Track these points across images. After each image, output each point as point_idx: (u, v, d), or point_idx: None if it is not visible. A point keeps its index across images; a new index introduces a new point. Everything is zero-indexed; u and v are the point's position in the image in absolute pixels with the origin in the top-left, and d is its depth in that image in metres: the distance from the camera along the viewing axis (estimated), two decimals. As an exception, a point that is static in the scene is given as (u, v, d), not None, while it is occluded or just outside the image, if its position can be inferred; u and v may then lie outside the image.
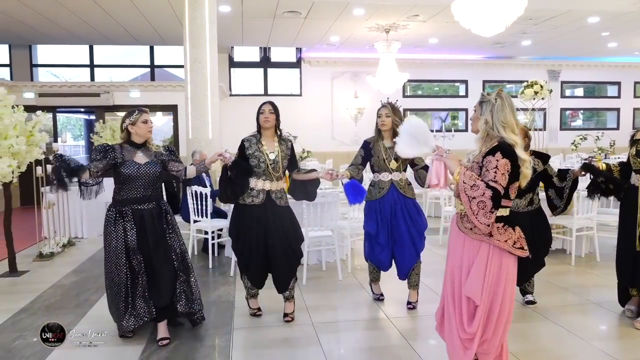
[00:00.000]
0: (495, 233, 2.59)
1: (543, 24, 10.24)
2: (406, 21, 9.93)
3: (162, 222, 3.71)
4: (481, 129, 2.66)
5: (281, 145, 4.01)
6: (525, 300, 4.45)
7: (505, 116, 2.61)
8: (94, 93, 11.57)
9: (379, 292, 4.66)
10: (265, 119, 3.94)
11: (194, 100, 7.17)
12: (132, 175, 3.58)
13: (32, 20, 9.74)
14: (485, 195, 2.46)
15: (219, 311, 4.38)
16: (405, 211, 4.29)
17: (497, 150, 2.55)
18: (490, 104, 2.64)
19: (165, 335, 3.69)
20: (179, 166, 3.82)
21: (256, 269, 4.01)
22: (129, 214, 3.60)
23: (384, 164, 4.27)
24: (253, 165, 3.90)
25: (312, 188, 4.20)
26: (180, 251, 3.78)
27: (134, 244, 3.59)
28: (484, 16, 6.32)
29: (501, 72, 14.29)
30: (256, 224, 3.90)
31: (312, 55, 13.33)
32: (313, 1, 8.67)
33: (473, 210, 2.49)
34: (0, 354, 3.54)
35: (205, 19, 7.08)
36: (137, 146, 3.67)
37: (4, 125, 5.13)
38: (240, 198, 3.94)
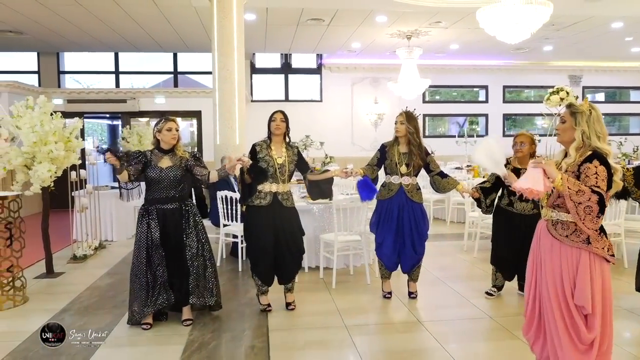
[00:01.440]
0: (593, 240, 2.65)
1: (565, 30, 10.24)
2: (428, 27, 10.00)
3: (182, 222, 4.08)
4: (577, 139, 2.71)
5: (288, 151, 4.38)
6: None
7: (601, 127, 2.71)
8: (120, 99, 11.82)
9: (387, 290, 4.84)
10: (276, 127, 4.28)
11: (221, 106, 7.32)
12: (155, 178, 4.02)
13: (63, 28, 10.00)
14: (591, 200, 2.52)
15: (252, 313, 4.49)
16: (411, 215, 4.57)
17: (593, 158, 2.63)
18: (585, 115, 2.70)
19: (189, 317, 4.17)
20: (203, 171, 4.13)
21: (265, 267, 4.33)
22: (153, 213, 4.04)
23: (395, 167, 4.56)
24: (262, 167, 4.23)
25: (326, 186, 4.50)
26: (197, 250, 4.13)
27: (156, 240, 4.01)
28: (510, 23, 6.39)
29: (522, 78, 14.26)
30: (265, 224, 4.25)
31: (333, 61, 13.46)
32: (337, 9, 8.79)
33: (580, 215, 2.55)
34: (47, 352, 3.68)
35: (233, 27, 7.23)
36: (165, 152, 4.09)
37: (44, 131, 5.31)
38: (249, 200, 4.29)
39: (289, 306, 4.51)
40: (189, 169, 4.11)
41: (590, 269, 2.65)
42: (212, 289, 4.24)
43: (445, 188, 4.64)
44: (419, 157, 4.52)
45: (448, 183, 4.61)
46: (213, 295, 4.24)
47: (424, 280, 5.52)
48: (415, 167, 4.53)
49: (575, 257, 2.68)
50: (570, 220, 2.69)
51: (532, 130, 14.39)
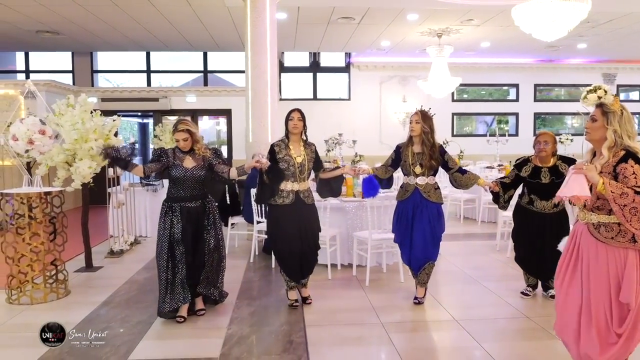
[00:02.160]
0: (638, 238, 2.68)
1: (601, 27, 10.02)
2: (459, 25, 9.91)
3: (204, 219, 4.22)
4: (609, 138, 2.75)
5: (306, 149, 4.43)
6: (550, 295, 4.63)
7: (631, 127, 2.75)
8: (152, 98, 12.03)
9: (420, 296, 4.67)
10: (294, 126, 4.34)
11: (254, 105, 7.39)
12: (179, 178, 4.15)
13: (97, 27, 10.21)
14: (635, 201, 2.57)
15: (288, 309, 4.53)
16: (425, 215, 4.48)
17: (628, 157, 2.67)
18: (617, 115, 2.74)
19: (202, 307, 4.34)
20: (224, 168, 4.26)
21: (293, 263, 4.42)
22: (177, 210, 4.16)
23: (409, 168, 4.51)
24: (283, 167, 4.29)
25: (336, 185, 4.61)
26: (214, 246, 4.27)
27: (178, 236, 4.11)
28: (546, 21, 6.29)
29: (554, 76, 14.01)
30: (290, 222, 4.33)
31: (361, 59, 13.43)
32: (368, 7, 8.78)
33: (627, 217, 2.59)
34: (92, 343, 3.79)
35: (266, 26, 7.29)
36: (185, 152, 4.20)
37: (85, 129, 5.45)
38: (272, 199, 4.35)
39: (307, 300, 4.60)
40: (210, 166, 4.24)
41: (637, 266, 2.71)
42: (219, 282, 4.41)
43: (466, 184, 4.59)
44: (432, 157, 4.43)
45: (469, 179, 4.56)
46: (217, 288, 4.39)
47: (457, 279, 5.51)
48: (429, 167, 4.46)
49: (623, 256, 2.72)
50: (613, 222, 2.71)
51: (563, 129, 14.14)
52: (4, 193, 4.87)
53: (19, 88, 10.47)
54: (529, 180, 4.54)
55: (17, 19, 9.47)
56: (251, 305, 4.64)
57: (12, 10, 8.90)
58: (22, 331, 4.02)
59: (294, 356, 3.55)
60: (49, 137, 4.93)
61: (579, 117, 13.98)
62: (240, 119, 12.26)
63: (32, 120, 4.80)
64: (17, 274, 4.82)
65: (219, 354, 3.58)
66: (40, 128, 4.78)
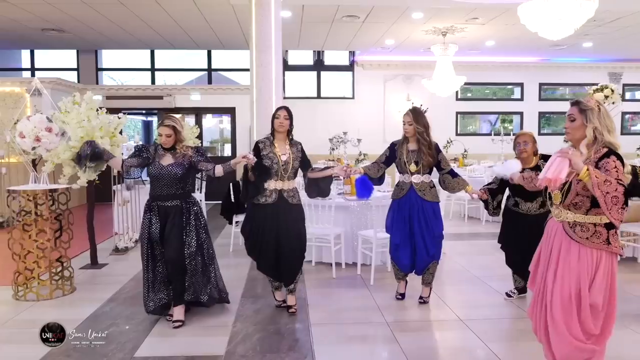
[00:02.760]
0: (612, 240, 2.71)
1: (607, 25, 9.97)
2: (464, 24, 9.88)
3: (182, 220, 4.08)
4: (589, 136, 2.73)
5: (292, 147, 4.30)
6: None
7: (610, 122, 2.74)
8: (157, 96, 12.05)
9: (400, 291, 4.73)
10: (280, 124, 4.23)
11: (259, 103, 7.39)
12: (156, 175, 4.07)
13: (103, 26, 10.22)
14: (618, 190, 2.54)
15: (293, 307, 4.54)
16: (421, 214, 4.44)
17: (611, 154, 2.66)
18: (595, 112, 2.73)
19: (180, 318, 4.09)
20: (209, 165, 4.15)
21: (268, 265, 4.28)
22: (155, 209, 4.09)
23: (404, 166, 4.47)
24: (266, 165, 4.17)
25: (325, 185, 4.43)
26: (196, 249, 4.12)
27: (156, 236, 4.04)
28: (553, 19, 6.25)
29: (559, 75, 13.95)
30: (269, 222, 4.18)
31: (365, 58, 13.41)
32: (373, 5, 8.76)
33: (607, 205, 2.54)
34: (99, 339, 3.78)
35: (271, 24, 7.28)
36: (167, 149, 4.12)
37: (91, 126, 5.47)
38: (254, 198, 4.22)
39: (290, 309, 4.36)
40: (193, 165, 4.13)
41: (610, 269, 2.73)
42: (209, 286, 4.26)
43: (454, 188, 4.53)
44: (429, 155, 4.38)
45: (457, 183, 4.50)
46: (206, 293, 4.24)
47: (462, 279, 5.50)
48: (425, 165, 4.42)
49: (596, 258, 2.72)
50: (589, 222, 2.71)
51: (568, 128, 14.06)
52: (11, 190, 4.89)
53: (25, 86, 10.49)
54: (513, 183, 4.51)
55: (23, 17, 9.49)
56: (256, 303, 4.65)
57: (18, 9, 8.92)
58: (29, 327, 4.03)
59: (300, 354, 3.55)
60: (55, 134, 4.93)
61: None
62: (244, 117, 12.27)
63: (39, 118, 4.81)
64: (23, 271, 4.85)
65: (224, 351, 3.59)
66: (47, 125, 4.78)
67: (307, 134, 12.06)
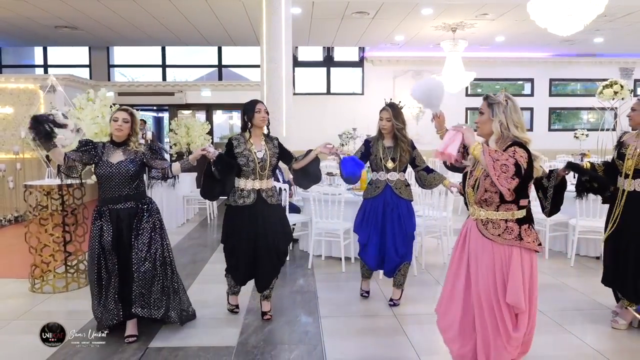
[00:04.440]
0: (524, 235, 2.70)
1: (618, 21, 9.93)
2: (474, 20, 9.88)
3: (139, 223, 3.66)
4: (496, 131, 2.73)
5: (268, 144, 4.02)
6: None
7: (518, 117, 2.73)
8: (168, 92, 12.17)
9: (365, 289, 4.72)
10: (262, 119, 3.93)
11: (269, 99, 7.46)
12: (104, 175, 3.61)
13: (114, 23, 10.37)
14: (508, 160, 2.53)
15: (304, 300, 4.64)
16: (395, 213, 4.36)
17: (514, 145, 2.66)
18: (502, 106, 2.73)
19: (133, 333, 3.72)
20: (163, 164, 3.78)
21: (244, 269, 4.03)
22: (106, 214, 3.63)
23: (380, 163, 4.36)
24: (242, 163, 3.90)
25: (314, 169, 4.09)
26: (146, 253, 3.65)
27: (108, 245, 3.59)
28: (562, 15, 6.26)
29: (569, 70, 13.89)
30: (248, 225, 3.92)
31: (375, 54, 13.44)
32: (383, 1, 8.80)
33: (496, 172, 2.53)
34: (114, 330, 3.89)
35: (281, 22, 7.36)
36: (118, 145, 3.69)
37: (105, 122, 5.58)
38: (230, 199, 3.99)
39: (264, 316, 4.12)
40: (146, 163, 3.73)
41: (522, 266, 2.69)
42: (164, 302, 3.76)
43: (431, 184, 4.44)
44: (408, 152, 4.31)
45: (434, 178, 4.40)
46: (166, 309, 3.76)
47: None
48: (402, 162, 4.33)
49: (507, 254, 2.69)
50: (500, 219, 2.70)
51: (578, 124, 14.00)
52: (28, 185, 5.00)
53: (38, 82, 10.66)
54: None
55: (36, 15, 9.64)
56: (267, 296, 4.73)
57: (32, 6, 9.07)
58: (47, 318, 4.11)
59: (310, 346, 3.63)
60: (70, 130, 5.04)
61: (595, 112, 13.85)
62: (254, 113, 12.37)
63: (55, 114, 4.91)
64: (40, 264, 4.97)
65: (237, 342, 3.68)
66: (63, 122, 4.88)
67: (316, 130, 12.18)
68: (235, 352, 3.53)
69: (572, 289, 4.91)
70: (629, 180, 3.81)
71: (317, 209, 5.71)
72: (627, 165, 3.80)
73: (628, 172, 3.81)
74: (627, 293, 3.86)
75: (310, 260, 5.78)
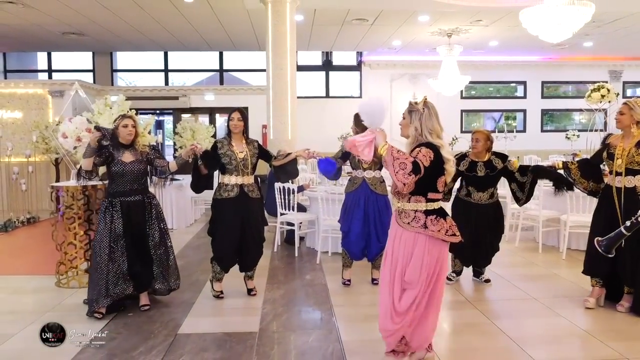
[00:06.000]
0: (429, 225, 3.02)
1: (606, 26, 10.34)
2: (469, 26, 10.27)
3: (145, 213, 4.35)
4: (411, 135, 3.07)
5: (248, 145, 4.64)
6: (484, 280, 5.18)
7: (432, 124, 3.03)
8: (172, 96, 12.48)
9: (347, 278, 5.16)
10: (234, 125, 4.57)
11: (275, 103, 7.82)
12: (118, 172, 4.24)
13: (120, 28, 10.63)
14: (407, 159, 2.85)
15: (315, 292, 4.98)
16: (375, 206, 4.94)
17: (422, 146, 2.98)
18: (419, 113, 3.03)
19: (146, 302, 4.45)
20: (163, 162, 4.46)
21: (230, 256, 4.66)
22: (117, 205, 4.26)
23: (358, 162, 4.92)
24: (225, 162, 4.51)
25: (292, 167, 4.84)
26: (159, 240, 4.41)
27: (119, 231, 4.23)
28: (553, 23, 6.66)
29: (560, 73, 14.33)
30: (234, 215, 4.53)
31: (372, 58, 13.82)
32: (382, 9, 9.16)
33: (395, 168, 2.84)
34: (143, 319, 4.24)
35: (287, 30, 7.71)
36: (125, 146, 4.31)
37: (124, 127, 5.89)
38: (216, 194, 4.58)
39: (251, 292, 4.79)
40: (150, 161, 4.41)
41: (425, 251, 3.01)
42: (176, 274, 4.61)
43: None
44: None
45: None
46: (177, 278, 4.62)
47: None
48: (375, 162, 4.77)
49: (413, 240, 3.03)
50: (410, 209, 3.05)
51: (570, 125, 14.43)
52: (54, 186, 5.32)
53: (47, 87, 10.96)
54: (466, 174, 4.96)
55: (46, 21, 9.93)
56: (280, 288, 5.08)
57: (42, 14, 9.37)
58: (78, 310, 4.44)
59: (326, 330, 3.98)
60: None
61: (586, 113, 14.30)
62: (256, 116, 12.68)
63: (80, 120, 5.24)
64: (65, 261, 5.27)
65: (259, 328, 4.02)
66: (87, 127, 5.21)
67: (316, 132, 12.52)
68: (258, 336, 3.87)
69: (564, 279, 5.29)
70: (621, 178, 4.20)
71: (324, 208, 6.06)
72: (617, 164, 4.20)
73: (619, 170, 4.20)
74: (625, 279, 4.25)
75: (319, 256, 6.13)
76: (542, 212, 6.51)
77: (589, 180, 4.49)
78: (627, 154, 4.14)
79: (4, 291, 5.10)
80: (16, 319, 4.23)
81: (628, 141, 4.18)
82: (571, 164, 4.58)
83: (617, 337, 3.79)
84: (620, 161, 4.17)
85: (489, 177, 4.88)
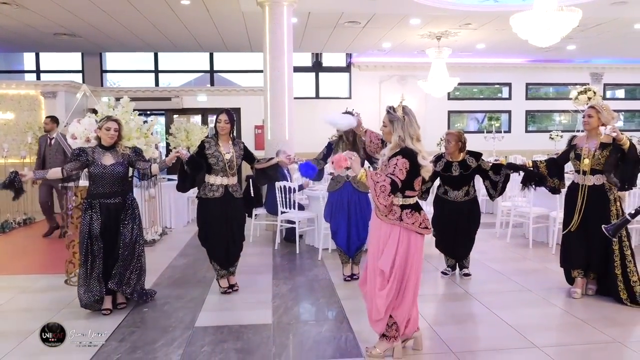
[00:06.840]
0: (404, 217, 3.29)
1: (589, 30, 10.71)
2: (458, 29, 10.55)
3: (121, 214, 4.38)
4: (394, 142, 3.30)
5: (235, 147, 4.80)
6: (463, 274, 5.40)
7: (414, 130, 3.29)
8: (165, 97, 12.54)
9: (347, 274, 5.34)
10: (222, 127, 4.71)
11: (272, 105, 7.97)
12: (98, 175, 4.29)
13: (112, 29, 10.57)
14: (385, 181, 3.13)
15: (320, 287, 5.17)
16: (357, 204, 5.16)
17: (399, 154, 3.23)
18: (400, 122, 3.27)
19: (108, 307, 4.37)
20: (145, 164, 4.54)
21: (220, 253, 4.81)
22: (96, 206, 4.31)
23: None
24: (212, 163, 4.64)
25: (272, 172, 5.04)
26: (129, 240, 4.38)
27: (97, 232, 4.26)
28: (542, 28, 6.95)
29: (544, 75, 14.72)
30: (219, 214, 4.70)
31: (362, 59, 14.03)
32: (374, 12, 9.38)
33: (376, 192, 3.14)
34: (158, 314, 4.39)
35: (284, 32, 7.87)
36: (106, 148, 4.38)
37: (129, 128, 5.99)
38: (201, 193, 4.72)
39: (234, 287, 4.94)
40: (131, 164, 4.48)
41: (398, 241, 3.27)
42: (135, 278, 4.45)
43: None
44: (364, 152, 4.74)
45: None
46: (137, 284, 4.48)
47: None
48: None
49: (388, 231, 3.31)
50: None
51: (552, 126, 14.82)
52: (66, 186, 5.42)
53: (39, 88, 10.93)
54: (442, 174, 5.24)
55: (39, 23, 9.92)
56: (287, 283, 5.26)
57: (35, 14, 9.36)
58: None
59: (336, 321, 4.18)
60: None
61: (567, 114, 14.74)
62: (248, 117, 12.86)
63: (89, 121, 5.35)
64: (74, 259, 5.37)
65: (272, 320, 4.20)
66: (96, 128, 5.32)
67: (307, 132, 12.66)
68: (272, 328, 4.05)
69: (554, 271, 5.54)
70: (587, 176, 4.52)
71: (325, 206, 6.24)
72: (584, 164, 4.52)
73: (585, 169, 4.51)
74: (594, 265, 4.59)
75: (320, 253, 6.32)
76: (532, 209, 6.80)
77: (554, 178, 4.83)
78: (592, 155, 4.46)
79: (12, 290, 5.17)
80: (34, 317, 4.32)
81: (593, 142, 4.49)
82: (540, 162, 4.92)
83: (609, 323, 4.06)
84: (588, 161, 4.48)
85: (463, 177, 5.15)
